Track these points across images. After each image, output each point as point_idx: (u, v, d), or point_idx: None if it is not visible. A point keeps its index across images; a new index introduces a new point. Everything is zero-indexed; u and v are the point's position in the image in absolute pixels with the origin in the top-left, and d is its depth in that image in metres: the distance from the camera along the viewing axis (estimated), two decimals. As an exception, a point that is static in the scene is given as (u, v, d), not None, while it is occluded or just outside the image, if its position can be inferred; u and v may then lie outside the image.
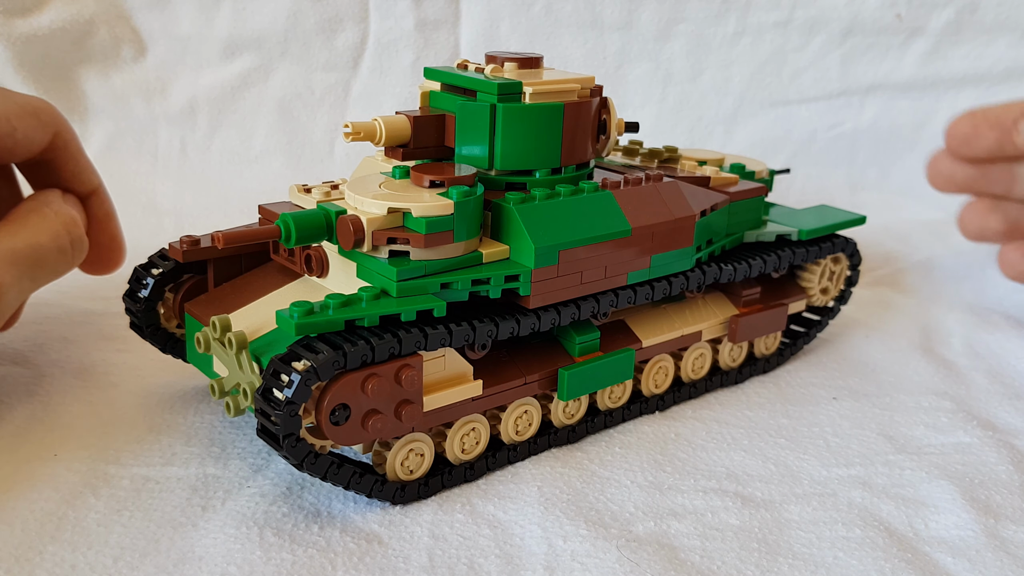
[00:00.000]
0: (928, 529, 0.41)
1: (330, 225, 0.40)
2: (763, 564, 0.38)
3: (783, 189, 0.81)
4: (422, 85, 0.46)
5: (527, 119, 0.43)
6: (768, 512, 0.42)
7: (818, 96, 0.88)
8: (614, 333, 0.48)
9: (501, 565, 0.38)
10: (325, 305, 0.37)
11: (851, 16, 0.86)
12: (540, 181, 0.44)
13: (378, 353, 0.37)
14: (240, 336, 0.40)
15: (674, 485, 0.44)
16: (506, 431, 0.44)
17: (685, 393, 0.52)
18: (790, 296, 0.56)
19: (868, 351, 0.59)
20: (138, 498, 0.41)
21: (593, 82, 0.46)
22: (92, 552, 0.37)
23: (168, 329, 0.49)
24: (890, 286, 0.71)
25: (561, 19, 0.82)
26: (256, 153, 0.79)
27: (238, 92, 0.78)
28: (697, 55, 0.86)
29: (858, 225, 0.57)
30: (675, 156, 0.55)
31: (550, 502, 0.42)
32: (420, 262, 0.39)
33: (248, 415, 0.47)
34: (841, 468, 0.46)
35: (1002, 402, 0.53)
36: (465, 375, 0.42)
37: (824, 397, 0.53)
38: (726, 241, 0.52)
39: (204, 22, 0.77)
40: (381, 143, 0.43)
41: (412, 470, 0.41)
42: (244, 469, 0.43)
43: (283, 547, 0.38)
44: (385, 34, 0.79)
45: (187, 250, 0.45)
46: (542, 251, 0.42)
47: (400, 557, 0.38)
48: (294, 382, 0.35)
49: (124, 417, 0.47)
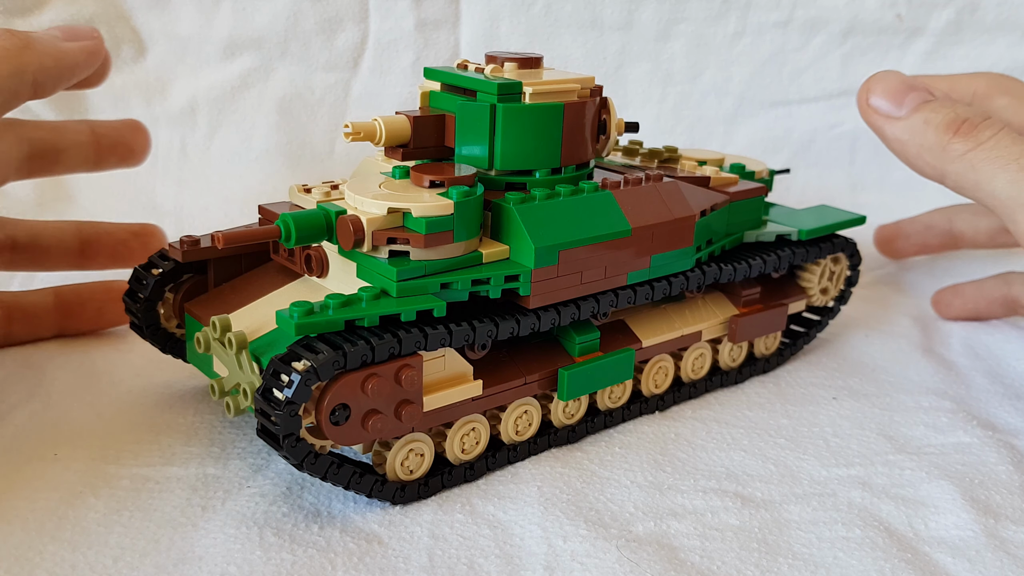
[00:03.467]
0: (928, 529, 0.41)
1: (330, 225, 0.40)
2: (763, 564, 0.38)
3: (783, 189, 0.81)
4: (422, 85, 0.46)
5: (527, 119, 0.43)
6: (768, 512, 0.42)
7: (818, 96, 0.88)
8: (614, 333, 0.48)
9: (501, 565, 0.38)
10: (325, 305, 0.37)
11: (851, 16, 0.86)
12: (540, 181, 0.44)
13: (378, 353, 0.37)
14: (240, 336, 0.40)
15: (674, 485, 0.44)
16: (506, 431, 0.44)
17: (685, 393, 0.52)
18: (790, 296, 0.56)
19: (868, 351, 0.59)
20: (138, 498, 0.41)
21: (593, 82, 0.46)
22: (92, 552, 0.37)
23: (168, 329, 0.49)
24: (890, 286, 0.71)
25: (561, 19, 0.82)
26: (256, 153, 0.79)
27: (238, 92, 0.78)
28: (697, 55, 0.86)
29: (858, 225, 0.57)
30: (675, 156, 0.55)
31: (550, 502, 0.42)
32: (420, 262, 0.39)
33: (248, 415, 0.47)
34: (841, 468, 0.46)
35: (1002, 402, 0.53)
36: (465, 375, 0.42)
37: (824, 397, 0.53)
38: (726, 241, 0.52)
39: (204, 22, 0.77)
40: (381, 143, 0.43)
41: (412, 470, 0.41)
42: (244, 469, 0.43)
43: (283, 547, 0.38)
44: (385, 34, 0.79)
45: (187, 250, 0.45)
46: (542, 251, 0.42)
47: (400, 557, 0.38)
48: (294, 382, 0.35)
49: (124, 417, 0.47)
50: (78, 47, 0.46)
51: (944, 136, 0.46)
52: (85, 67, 0.47)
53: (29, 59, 0.43)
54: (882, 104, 0.49)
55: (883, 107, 0.49)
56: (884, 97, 0.49)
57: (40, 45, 0.44)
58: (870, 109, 0.49)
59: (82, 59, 0.46)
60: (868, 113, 0.50)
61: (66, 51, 0.45)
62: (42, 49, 0.44)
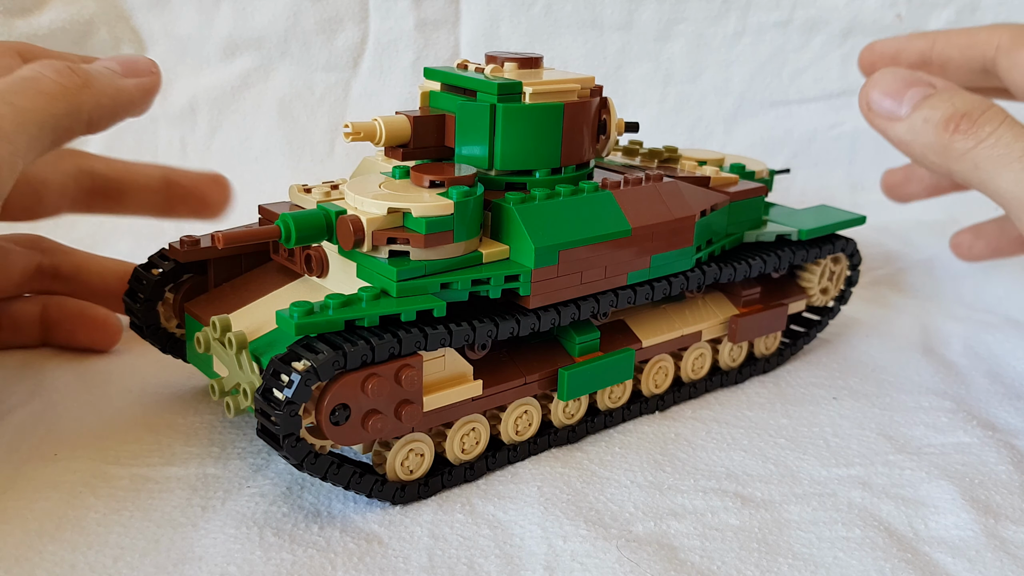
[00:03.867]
0: (928, 529, 0.41)
1: (330, 225, 0.40)
2: (763, 564, 0.38)
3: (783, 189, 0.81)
4: (422, 85, 0.46)
5: (527, 119, 0.43)
6: (768, 512, 0.42)
7: (818, 96, 0.88)
8: (614, 333, 0.48)
9: (501, 565, 0.38)
10: (325, 305, 0.37)
11: (851, 16, 0.86)
12: (540, 181, 0.44)
13: (378, 353, 0.37)
14: (240, 336, 0.40)
15: (674, 485, 0.44)
16: (506, 431, 0.44)
17: (685, 393, 0.52)
18: (790, 296, 0.56)
19: (868, 351, 0.59)
20: (138, 498, 0.41)
21: (593, 82, 0.46)
22: (92, 552, 0.37)
23: (168, 329, 0.49)
24: (890, 286, 0.71)
25: (561, 19, 0.82)
26: (256, 153, 0.79)
27: (238, 92, 0.78)
28: (697, 55, 0.86)
29: (858, 225, 0.57)
30: (675, 156, 0.55)
31: (550, 502, 0.42)
32: (420, 262, 0.39)
33: (248, 415, 0.47)
34: (841, 468, 0.46)
35: (1002, 402, 0.53)
36: (465, 375, 0.42)
37: (824, 397, 0.53)
38: (726, 241, 0.52)
39: (204, 22, 0.77)
40: (381, 143, 0.43)
41: (412, 470, 0.41)
42: (244, 469, 0.43)
43: (283, 547, 0.38)
44: (385, 34, 0.79)
45: (187, 250, 0.45)
46: (542, 251, 0.42)
47: (400, 557, 0.38)
48: (294, 382, 0.35)
49: (124, 417, 0.47)
50: (135, 85, 0.46)
51: (944, 134, 0.45)
52: (140, 105, 0.46)
53: (86, 98, 0.43)
54: (883, 104, 0.48)
55: (885, 107, 0.48)
56: (885, 96, 0.47)
57: (99, 83, 0.44)
58: (872, 112, 0.48)
59: (138, 97, 0.46)
60: (871, 116, 0.48)
61: (123, 89, 0.45)
62: (100, 88, 0.44)
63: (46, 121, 0.41)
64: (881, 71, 0.49)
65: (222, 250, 0.46)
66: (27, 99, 0.41)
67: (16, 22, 0.72)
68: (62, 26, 0.73)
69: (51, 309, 0.53)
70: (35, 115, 0.41)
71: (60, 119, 0.42)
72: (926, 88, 0.47)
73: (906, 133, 0.47)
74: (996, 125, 0.45)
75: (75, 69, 0.43)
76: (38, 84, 0.41)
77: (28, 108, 0.40)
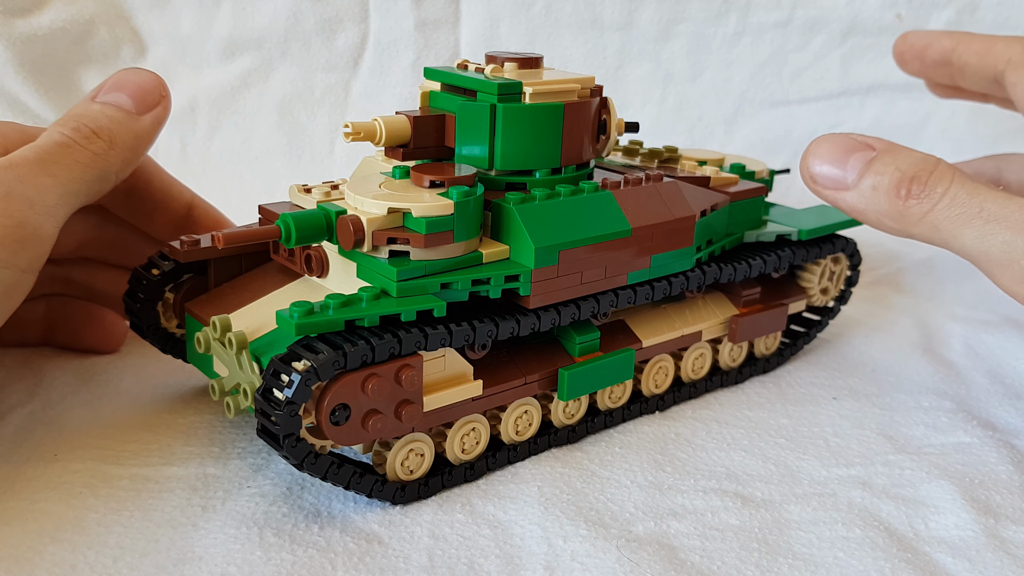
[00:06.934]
0: (928, 529, 0.41)
1: (330, 225, 0.40)
2: (763, 564, 0.38)
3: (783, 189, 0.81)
4: (422, 85, 0.46)
5: (527, 119, 0.43)
6: (768, 512, 0.42)
7: (818, 96, 0.88)
8: (614, 333, 0.48)
9: (501, 565, 0.38)
10: (325, 305, 0.37)
11: (851, 16, 0.86)
12: (540, 181, 0.44)
13: (378, 353, 0.37)
14: (240, 336, 0.40)
15: (674, 485, 0.44)
16: (506, 431, 0.44)
17: (685, 393, 0.52)
18: (790, 296, 0.56)
19: (868, 351, 0.59)
20: (138, 498, 0.41)
21: (593, 82, 0.46)
22: (92, 552, 0.37)
23: (168, 329, 0.49)
24: (890, 286, 0.71)
25: (561, 19, 0.82)
26: (256, 153, 0.79)
27: (238, 92, 0.78)
28: (697, 55, 0.86)
29: (858, 225, 0.57)
30: (675, 156, 0.55)
31: (550, 502, 0.42)
32: (420, 262, 0.39)
33: (248, 415, 0.47)
34: (841, 468, 0.46)
35: (1002, 402, 0.53)
36: (465, 375, 0.42)
37: (824, 397, 0.53)
38: (726, 241, 0.52)
39: (204, 22, 0.77)
40: (381, 143, 0.43)
41: (412, 470, 0.41)
42: (244, 469, 0.43)
43: (283, 547, 0.38)
44: (385, 34, 0.79)
45: (187, 250, 0.45)
46: (542, 251, 0.42)
47: (400, 557, 0.38)
48: (294, 382, 0.35)
49: (124, 417, 0.47)
50: (151, 121, 0.46)
51: (898, 201, 0.44)
52: (155, 137, 0.47)
53: (113, 159, 0.44)
54: (827, 171, 0.45)
55: (829, 175, 0.45)
56: (827, 163, 0.45)
57: (121, 140, 0.44)
58: (818, 185, 0.46)
59: (154, 133, 0.47)
60: (817, 189, 0.46)
61: (141, 132, 0.45)
62: (123, 144, 0.45)
63: (80, 189, 0.43)
64: (816, 140, 0.47)
65: (222, 250, 0.46)
66: (65, 170, 0.42)
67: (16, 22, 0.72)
68: (62, 26, 0.73)
69: (55, 309, 0.53)
70: (73, 185, 0.42)
71: (91, 185, 0.43)
72: (866, 151, 0.45)
73: (858, 202, 0.45)
74: (948, 184, 0.43)
75: (99, 133, 0.44)
76: (72, 153, 0.43)
77: (67, 179, 0.42)
